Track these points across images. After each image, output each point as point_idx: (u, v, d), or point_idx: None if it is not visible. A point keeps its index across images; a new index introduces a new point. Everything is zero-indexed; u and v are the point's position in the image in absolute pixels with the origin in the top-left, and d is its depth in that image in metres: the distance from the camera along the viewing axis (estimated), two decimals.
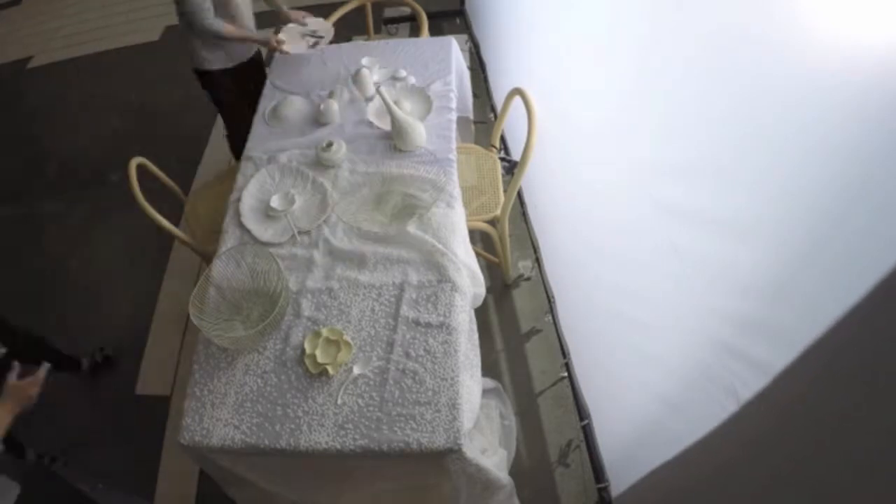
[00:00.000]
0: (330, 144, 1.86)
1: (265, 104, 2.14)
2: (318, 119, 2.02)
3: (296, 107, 2.09)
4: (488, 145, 2.26)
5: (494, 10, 2.66)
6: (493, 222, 2.02)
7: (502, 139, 2.45)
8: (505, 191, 2.04)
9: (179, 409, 1.43)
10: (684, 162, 1.05)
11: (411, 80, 2.09)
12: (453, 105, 1.99)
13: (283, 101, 2.10)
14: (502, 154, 2.33)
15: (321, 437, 1.32)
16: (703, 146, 0.98)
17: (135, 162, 2.02)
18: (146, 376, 2.29)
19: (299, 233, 1.70)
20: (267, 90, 2.21)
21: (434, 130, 1.91)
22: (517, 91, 1.93)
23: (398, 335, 1.46)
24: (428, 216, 1.64)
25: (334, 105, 2.01)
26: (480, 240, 2.35)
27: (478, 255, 2.00)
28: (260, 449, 1.33)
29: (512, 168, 2.44)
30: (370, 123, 2.00)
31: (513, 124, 2.27)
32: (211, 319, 1.54)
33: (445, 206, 1.69)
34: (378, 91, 1.86)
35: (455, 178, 1.78)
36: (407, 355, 1.42)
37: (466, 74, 2.28)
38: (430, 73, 2.10)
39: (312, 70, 2.25)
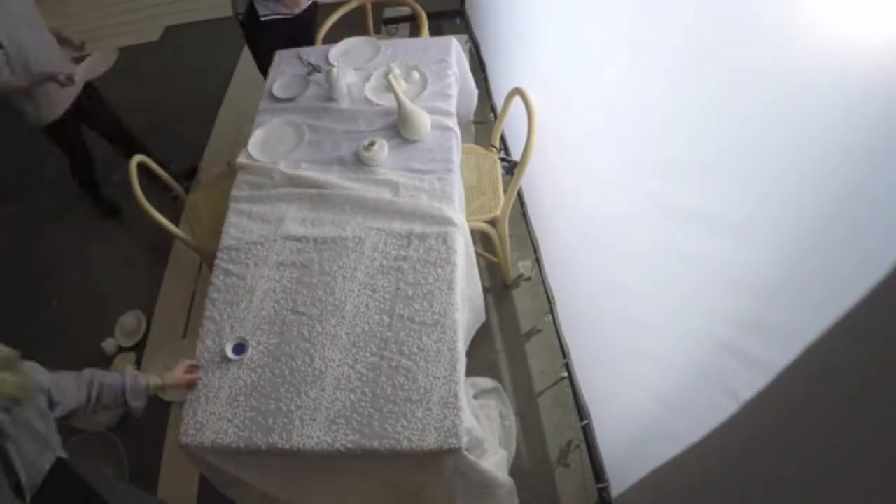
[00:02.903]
0: (372, 143, 1.83)
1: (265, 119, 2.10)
2: (329, 95, 2.07)
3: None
4: (488, 145, 2.26)
5: (494, 10, 2.66)
6: (493, 222, 2.02)
7: (502, 139, 2.45)
8: (505, 191, 2.03)
9: (179, 410, 1.43)
10: (684, 161, 1.05)
11: (414, 76, 2.10)
12: (452, 108, 1.99)
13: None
14: (502, 154, 2.32)
15: (313, 432, 1.33)
16: (702, 145, 0.98)
17: (135, 160, 2.02)
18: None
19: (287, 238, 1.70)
20: (264, 106, 2.14)
21: (433, 136, 1.91)
22: (517, 91, 1.93)
23: (392, 332, 1.46)
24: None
25: (338, 78, 2.03)
26: (480, 240, 2.34)
27: (478, 255, 2.01)
28: (252, 442, 1.33)
29: (512, 168, 2.44)
30: (369, 100, 2.02)
31: (513, 124, 2.27)
32: None
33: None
34: (388, 78, 1.87)
35: (456, 184, 1.78)
36: (401, 352, 1.42)
37: (469, 75, 2.28)
38: (431, 74, 2.09)
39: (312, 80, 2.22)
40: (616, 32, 1.30)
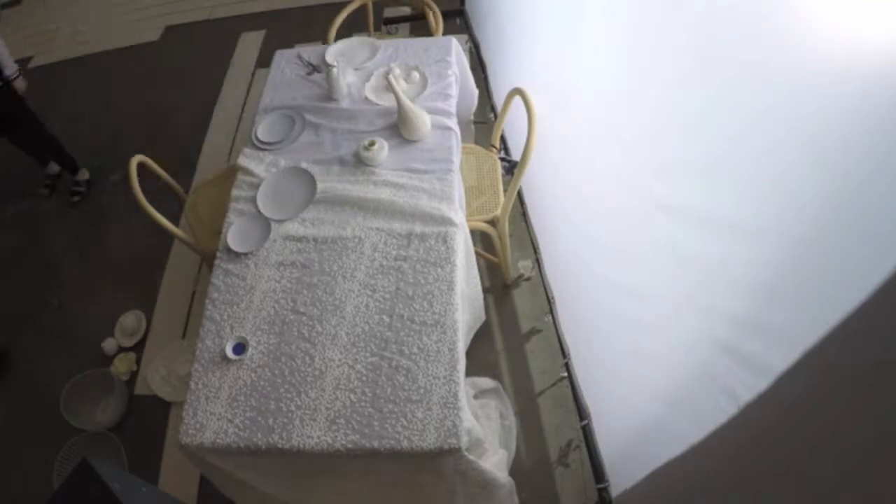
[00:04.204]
0: (372, 143, 1.82)
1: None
2: (328, 95, 2.06)
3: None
4: (488, 145, 2.25)
5: (494, 10, 2.66)
6: (493, 222, 2.02)
7: (502, 139, 2.45)
8: (505, 191, 2.03)
9: (179, 410, 1.43)
10: (685, 161, 1.05)
11: (414, 76, 2.09)
12: (452, 109, 1.99)
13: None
14: (502, 154, 2.32)
15: (313, 432, 1.33)
16: (703, 145, 0.98)
17: (136, 160, 2.02)
18: (145, 377, 2.29)
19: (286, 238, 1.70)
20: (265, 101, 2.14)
21: (433, 136, 1.91)
22: (517, 91, 1.93)
23: (392, 332, 1.46)
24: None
25: (338, 77, 2.02)
26: (480, 240, 2.35)
27: (478, 255, 2.00)
28: (252, 442, 1.34)
29: (512, 168, 2.43)
30: (369, 100, 2.02)
31: (513, 124, 2.27)
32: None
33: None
34: (388, 78, 1.87)
35: (456, 184, 1.78)
36: (401, 352, 1.42)
37: (469, 75, 2.28)
38: (431, 74, 2.09)
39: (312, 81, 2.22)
40: (616, 31, 1.30)
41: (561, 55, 1.75)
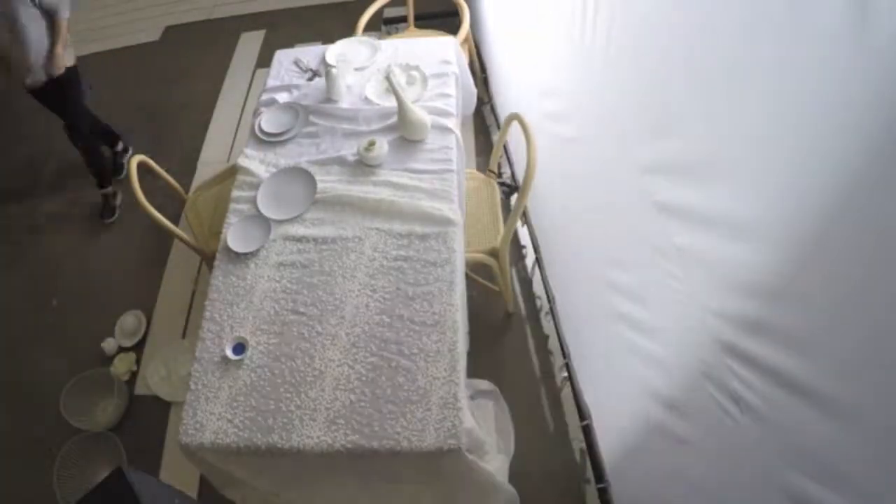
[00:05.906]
0: (372, 144, 1.81)
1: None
2: (328, 95, 2.05)
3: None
4: (486, 170, 2.21)
5: (494, 10, 2.66)
6: (493, 253, 1.95)
7: (504, 148, 2.43)
8: (504, 220, 1.96)
9: (179, 410, 1.43)
10: (685, 161, 1.05)
11: (414, 76, 2.09)
12: (452, 109, 1.99)
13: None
14: (501, 179, 2.28)
15: (313, 432, 1.33)
16: (703, 144, 0.98)
17: (136, 160, 2.03)
18: (145, 377, 2.29)
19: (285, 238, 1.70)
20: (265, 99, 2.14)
21: (433, 136, 1.91)
22: (514, 116, 1.88)
23: (392, 332, 1.46)
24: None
25: (337, 78, 2.02)
26: (480, 270, 2.19)
27: (476, 283, 1.94)
28: (252, 442, 1.34)
29: (511, 192, 2.41)
30: (369, 100, 2.02)
31: (513, 122, 2.26)
32: None
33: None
34: (388, 78, 1.87)
35: (456, 183, 1.77)
36: (400, 353, 1.42)
37: (469, 75, 2.28)
38: (431, 74, 2.09)
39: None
40: (616, 29, 1.30)
41: (560, 55, 1.75)
